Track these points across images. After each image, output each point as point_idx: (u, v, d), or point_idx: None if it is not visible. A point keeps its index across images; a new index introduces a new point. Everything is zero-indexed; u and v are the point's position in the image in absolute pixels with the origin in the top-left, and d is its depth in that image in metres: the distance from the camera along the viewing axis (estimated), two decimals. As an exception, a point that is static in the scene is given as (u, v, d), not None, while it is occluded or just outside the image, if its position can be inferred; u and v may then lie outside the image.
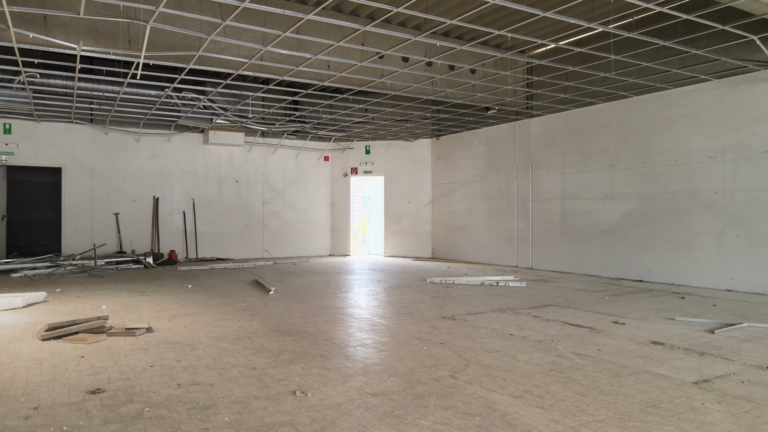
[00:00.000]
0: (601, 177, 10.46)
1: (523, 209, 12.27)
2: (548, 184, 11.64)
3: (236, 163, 14.76)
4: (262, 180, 15.13)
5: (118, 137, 13.23)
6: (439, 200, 15.00)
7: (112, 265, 11.55)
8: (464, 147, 14.13)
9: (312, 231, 15.93)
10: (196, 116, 12.52)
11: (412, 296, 7.87)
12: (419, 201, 15.39)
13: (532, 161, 12.04)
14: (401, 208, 15.54)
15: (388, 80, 9.06)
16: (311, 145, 15.80)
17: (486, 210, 13.36)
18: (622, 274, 9.98)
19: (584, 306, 7.03)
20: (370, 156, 15.81)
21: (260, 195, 15.10)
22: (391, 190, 15.64)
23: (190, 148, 14.14)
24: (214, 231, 14.36)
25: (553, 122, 11.59)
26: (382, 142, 15.66)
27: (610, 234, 10.25)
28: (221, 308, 6.83)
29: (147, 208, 13.57)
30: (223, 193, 14.56)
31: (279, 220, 15.37)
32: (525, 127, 12.27)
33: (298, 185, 15.70)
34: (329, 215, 16.26)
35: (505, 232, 12.76)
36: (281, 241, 15.38)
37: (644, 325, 5.79)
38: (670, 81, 9.14)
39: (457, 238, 14.34)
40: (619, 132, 10.19)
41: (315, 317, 6.25)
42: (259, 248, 15.05)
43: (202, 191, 14.26)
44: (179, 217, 13.95)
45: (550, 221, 11.58)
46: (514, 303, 7.26)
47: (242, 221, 14.80)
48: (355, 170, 15.92)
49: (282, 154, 15.45)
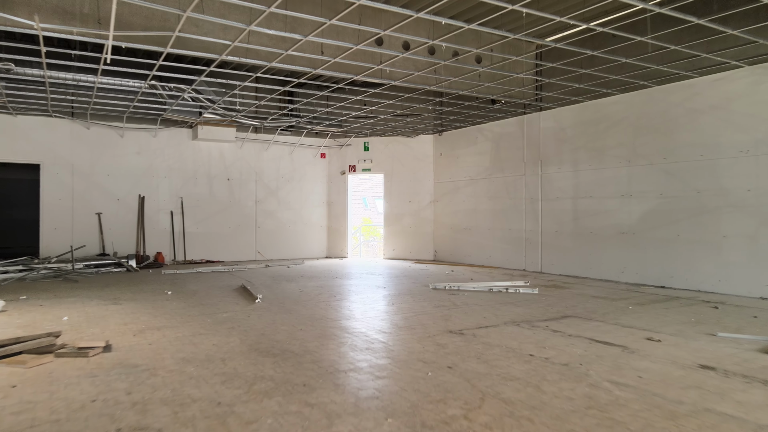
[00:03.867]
0: (618, 174, 9.67)
1: (531, 209, 11.48)
2: (559, 182, 10.85)
3: (227, 161, 13.97)
4: (255, 178, 14.35)
5: (101, 132, 12.45)
6: (442, 199, 14.22)
7: (91, 268, 10.77)
8: (468, 143, 13.35)
9: (307, 232, 15.15)
10: (182, 109, 11.74)
11: (413, 305, 7.08)
12: (420, 200, 14.61)
13: (542, 157, 11.25)
14: (401, 208, 14.75)
15: (387, 67, 8.27)
16: (307, 141, 15.01)
17: (492, 210, 12.58)
18: (642, 280, 9.18)
19: (608, 317, 6.23)
20: (369, 153, 15.02)
21: (253, 194, 14.31)
22: (390, 189, 14.85)
23: (179, 144, 13.35)
24: (203, 232, 13.57)
25: (564, 115, 10.79)
26: (381, 139, 14.87)
27: (627, 236, 9.46)
28: (198, 320, 6.04)
29: (132, 207, 12.78)
30: (214, 191, 13.77)
31: (273, 221, 14.59)
32: (534, 121, 11.47)
33: (293, 184, 14.92)
34: (326, 215, 15.47)
35: (512, 233, 11.97)
36: (275, 243, 14.59)
37: (683, 343, 4.99)
38: (695, 68, 8.35)
39: (460, 239, 13.54)
40: (637, 125, 9.39)
41: (303, 331, 5.46)
42: (251, 250, 14.26)
43: (191, 190, 13.47)
44: (166, 217, 13.16)
45: (561, 222, 10.79)
46: (528, 314, 6.47)
47: (234, 221, 14.02)
48: (353, 168, 15.13)
49: (276, 150, 14.67)
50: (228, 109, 11.79)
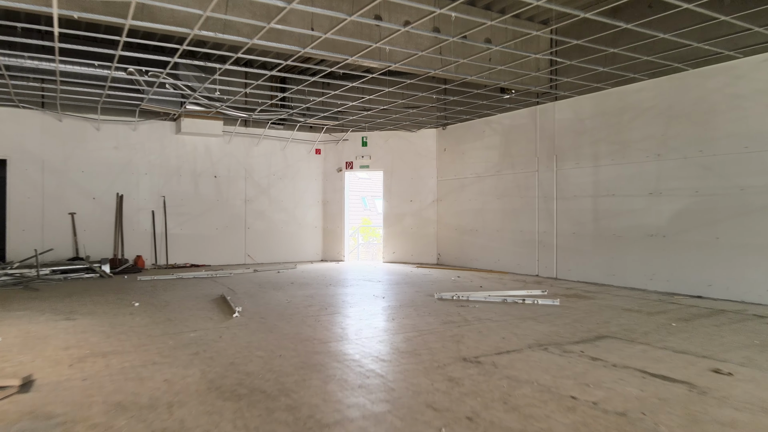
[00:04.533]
0: (645, 169, 8.62)
1: (545, 208, 10.44)
2: (577, 179, 9.80)
3: (214, 156, 12.93)
4: (245, 175, 13.31)
5: (75, 125, 11.40)
6: (446, 198, 13.17)
7: (59, 274, 9.72)
8: (475, 137, 12.30)
9: (301, 233, 14.10)
10: (162, 98, 10.69)
11: (417, 321, 6.04)
12: (422, 199, 13.56)
13: (557, 152, 10.21)
14: (402, 208, 13.70)
15: (387, 45, 7.23)
16: (300, 136, 13.97)
17: (501, 209, 11.53)
18: (674, 288, 8.14)
19: (652, 338, 5.19)
20: (367, 148, 13.98)
21: (242, 192, 13.27)
22: (390, 187, 13.81)
23: (161, 138, 12.31)
24: (188, 233, 12.53)
25: (582, 105, 9.75)
26: (380, 133, 13.83)
27: (656, 238, 8.41)
28: (158, 342, 5.00)
29: (109, 206, 11.74)
30: (200, 189, 12.73)
31: (264, 221, 13.54)
32: (548, 112, 10.43)
33: (285, 181, 13.87)
34: (321, 215, 14.43)
35: (523, 235, 10.92)
36: (266, 245, 13.54)
37: (762, 378, 3.95)
38: (739, 48, 7.31)
39: (466, 241, 12.50)
40: (668, 114, 8.35)
41: (282, 359, 4.42)
42: (240, 253, 13.22)
43: (174, 188, 12.43)
44: (147, 217, 12.12)
45: (579, 223, 9.74)
46: (554, 333, 5.42)
47: (221, 222, 12.97)
48: (350, 164, 14.09)
49: (267, 146, 13.62)
50: (212, 98, 10.75)
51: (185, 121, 11.95)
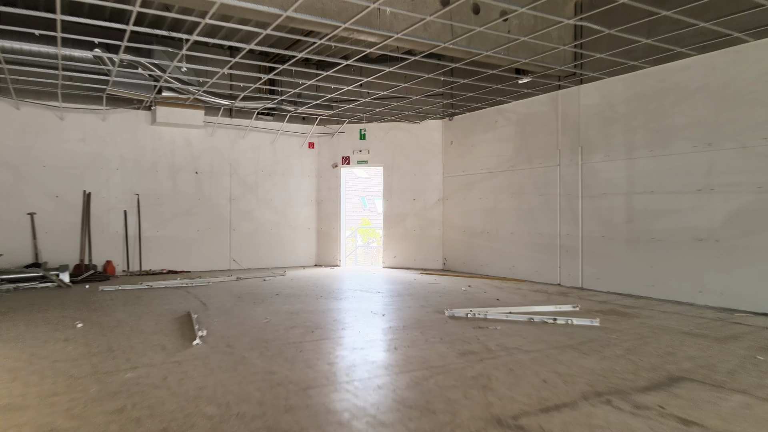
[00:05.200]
0: (693, 161, 7.31)
1: (568, 208, 9.12)
2: (607, 174, 8.49)
3: (195, 150, 11.61)
4: (230, 171, 11.99)
5: (35, 113, 10.08)
6: (453, 197, 11.85)
7: (6, 284, 8.40)
8: (486, 128, 10.98)
9: (293, 236, 12.78)
10: (129, 81, 9.37)
11: (426, 351, 4.72)
12: (427, 198, 12.24)
13: (583, 143, 8.89)
14: (404, 207, 12.39)
15: (387, 6, 5.91)
16: (291, 128, 12.65)
17: (516, 209, 10.21)
18: (731, 303, 6.83)
19: (744, 381, 3.87)
20: (366, 142, 12.66)
21: (227, 190, 11.95)
22: (391, 185, 12.49)
23: (134, 129, 10.99)
24: (165, 236, 11.21)
25: (613, 88, 8.43)
26: (380, 125, 12.52)
27: (707, 244, 7.10)
28: (78, 388, 3.68)
29: (75, 206, 10.42)
30: (179, 187, 11.41)
31: (251, 222, 12.22)
32: (571, 98, 9.11)
33: (275, 178, 12.55)
34: (314, 216, 13.11)
35: (543, 238, 9.60)
36: (254, 249, 12.23)
37: None
38: (816, 12, 6.00)
39: (476, 245, 11.18)
40: (722, 96, 7.03)
41: (239, 421, 3.10)
42: (225, 258, 11.90)
43: (149, 185, 11.11)
44: (119, 217, 10.80)
45: (609, 224, 8.43)
46: (609, 371, 4.10)
47: (203, 223, 11.65)
48: (346, 160, 12.77)
49: (255, 139, 12.30)
50: (185, 82, 9.42)
51: (161, 110, 10.63)
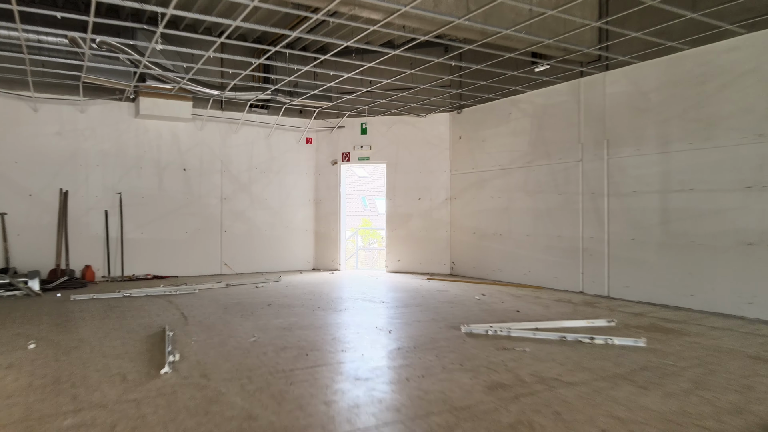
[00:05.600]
0: (740, 155, 6.42)
1: (592, 207, 8.24)
2: (637, 170, 7.61)
3: (183, 145, 10.73)
4: (221, 168, 11.11)
5: (5, 104, 9.20)
6: (462, 196, 10.97)
7: (-33, 293, 7.53)
8: (498, 121, 10.10)
9: (289, 238, 11.90)
10: (106, 67, 8.49)
11: (445, 383, 3.84)
12: (433, 197, 11.36)
13: (609, 136, 8.01)
14: (409, 207, 11.50)
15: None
16: (287, 122, 11.77)
17: (532, 209, 9.33)
18: (788, 316, 5.95)
19: None
20: (368, 137, 11.78)
21: (218, 189, 11.07)
22: (394, 183, 11.61)
23: (116, 122, 10.11)
24: (150, 238, 10.33)
25: (645, 74, 7.55)
26: (383, 119, 11.63)
27: (758, 248, 6.22)
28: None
29: (50, 206, 9.54)
30: (165, 185, 10.53)
31: (244, 223, 11.34)
32: (596, 85, 8.23)
33: (270, 176, 11.67)
34: (312, 216, 12.23)
35: (562, 241, 8.72)
36: (247, 252, 11.35)
37: None
38: None
39: (487, 248, 10.30)
40: (776, 79, 6.16)
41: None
42: (215, 261, 11.02)
43: (133, 183, 10.23)
44: (99, 218, 9.92)
45: (640, 226, 7.55)
46: (681, 415, 3.23)
47: (192, 224, 10.77)
48: (346, 156, 11.89)
49: (248, 133, 11.42)
50: (168, 69, 8.54)
51: (144, 100, 9.75)
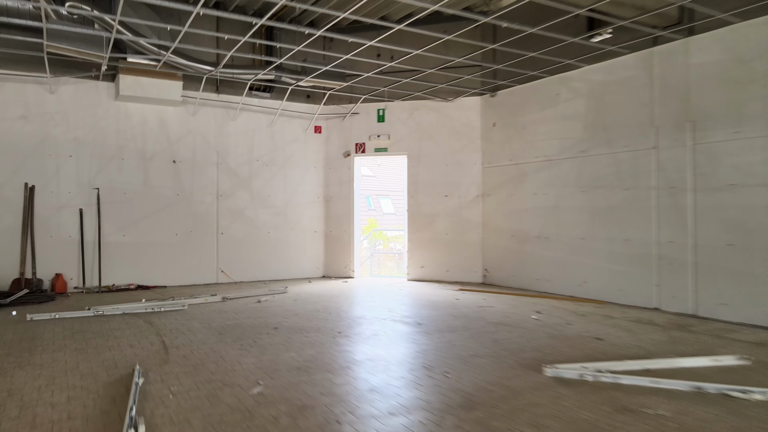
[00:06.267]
0: None
1: (671, 205, 6.70)
2: (736, 157, 6.06)
3: (173, 133, 9.20)
4: (217, 160, 9.58)
5: (-43, 81, 7.70)
6: (496, 192, 9.42)
7: None
8: (543, 103, 8.55)
9: (296, 240, 10.36)
10: (71, 30, 6.96)
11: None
12: (462, 194, 9.82)
13: (695, 116, 6.46)
14: (434, 206, 9.96)
15: None
16: (294, 107, 10.23)
17: (588, 207, 7.79)
18: None
19: None
20: (385, 125, 10.24)
21: (213, 184, 9.54)
22: (417, 178, 10.07)
23: (92, 104, 8.59)
24: (133, 241, 8.80)
25: (746, 36, 6.00)
26: (403, 104, 10.09)
27: None
28: None
29: (13, 203, 8.03)
30: (151, 180, 9.00)
31: (243, 224, 9.80)
32: (675, 55, 6.69)
33: (273, 169, 10.13)
34: (322, 216, 10.69)
35: (630, 246, 7.18)
36: (247, 257, 9.81)
37: None
38: None
39: (529, 253, 8.75)
40: None
41: None
42: (211, 268, 9.49)
43: (113, 177, 8.71)
44: (72, 218, 8.40)
45: (740, 228, 6.00)
46: None
47: (183, 225, 9.24)
48: (361, 147, 10.36)
49: (248, 120, 9.89)
50: (139, 33, 6.99)
51: (126, 79, 8.23)
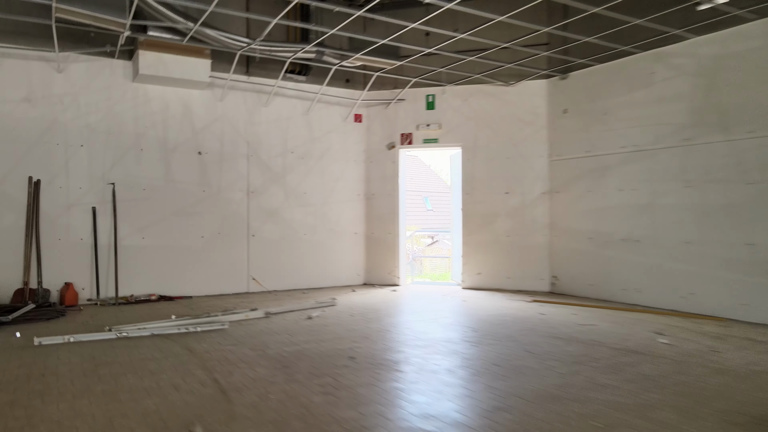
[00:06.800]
0: None
1: (816, 202, 5.47)
2: None
3: (198, 120, 8.01)
4: (247, 152, 8.39)
5: (-51, 57, 6.53)
6: (568, 188, 8.20)
7: None
8: (633, 84, 7.32)
9: (334, 243, 9.16)
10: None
11: None
12: (525, 190, 8.60)
13: None
14: (492, 204, 8.75)
15: None
16: (333, 92, 9.02)
17: (695, 206, 6.55)
18: None
19: None
20: (436, 113, 9.04)
21: (243, 179, 8.35)
22: (472, 173, 8.86)
23: (107, 86, 7.40)
24: (154, 245, 7.62)
25: None
26: (455, 89, 8.88)
27: None
28: None
29: (16, 200, 6.85)
30: (174, 174, 7.82)
31: (277, 224, 8.61)
32: (823, 19, 5.47)
33: (310, 163, 8.94)
34: (362, 216, 9.48)
35: (755, 251, 5.94)
36: (281, 263, 8.61)
37: None
38: None
39: (614, 259, 7.52)
40: None
41: None
42: (241, 276, 8.30)
43: (131, 170, 7.52)
44: (84, 218, 7.22)
45: None
46: None
47: (210, 226, 8.05)
48: (407, 138, 9.15)
49: (281, 107, 8.70)
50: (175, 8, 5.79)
51: (146, 56, 7.04)
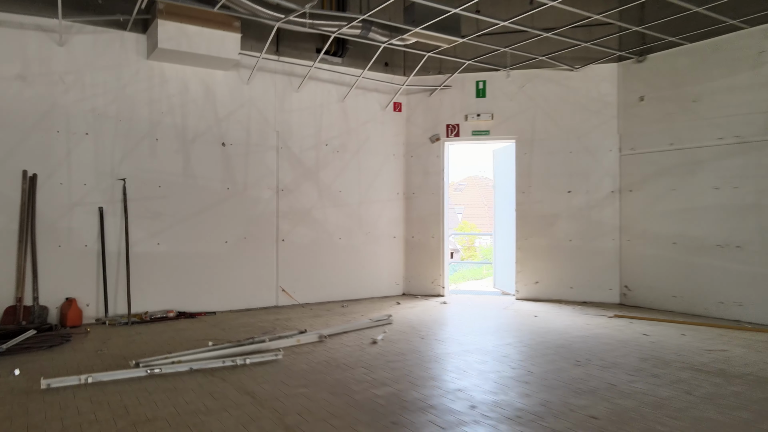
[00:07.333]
0: None
1: None
2: None
3: (222, 106, 6.86)
4: (277, 143, 7.26)
5: (-75, 22, 5.31)
6: (643, 186, 7.21)
7: None
8: (732, 66, 6.34)
9: (372, 249, 8.06)
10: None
11: None
12: (591, 188, 7.61)
13: None
14: (552, 204, 7.73)
15: None
16: (371, 77, 7.93)
17: (819, 205, 5.61)
18: None
19: None
20: (486, 101, 8.00)
21: (272, 174, 7.21)
22: (529, 168, 7.84)
23: (118, 63, 6.22)
24: (170, 252, 6.44)
25: None
26: (511, 74, 7.86)
27: None
28: None
29: (8, 198, 5.65)
30: (193, 168, 6.65)
31: (310, 228, 7.48)
32: None
33: (345, 157, 7.83)
34: (402, 217, 8.40)
35: None
36: (314, 271, 7.49)
37: None
38: None
39: (705, 267, 6.53)
40: None
41: None
42: (269, 286, 7.15)
43: (144, 164, 6.34)
44: (89, 220, 6.02)
45: None
46: None
47: (234, 230, 6.89)
48: (454, 129, 8.10)
49: (315, 92, 7.58)
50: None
51: (166, 26, 5.89)
